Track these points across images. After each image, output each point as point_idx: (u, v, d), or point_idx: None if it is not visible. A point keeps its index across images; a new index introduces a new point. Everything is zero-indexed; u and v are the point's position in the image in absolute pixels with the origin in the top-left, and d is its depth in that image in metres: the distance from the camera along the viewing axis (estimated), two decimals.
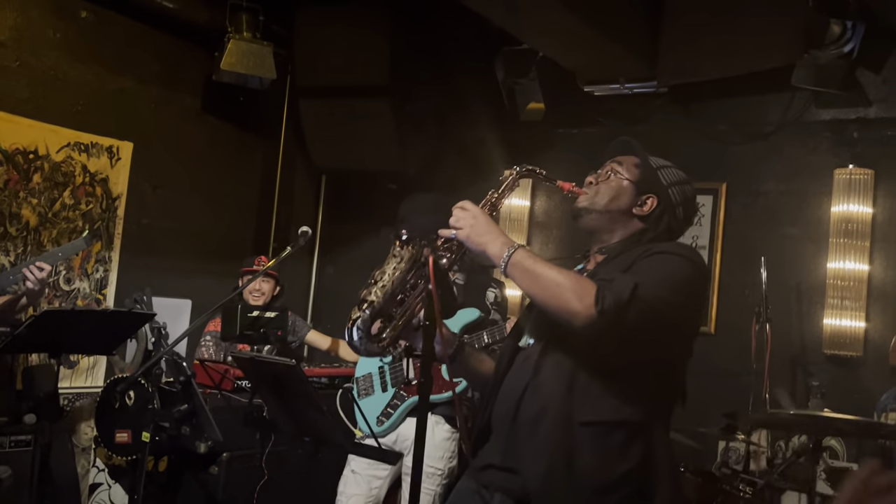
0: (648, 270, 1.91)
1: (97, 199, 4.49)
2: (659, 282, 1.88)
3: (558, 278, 1.87)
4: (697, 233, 4.42)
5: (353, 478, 3.35)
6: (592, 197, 2.09)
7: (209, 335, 4.24)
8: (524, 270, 1.89)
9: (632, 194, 2.08)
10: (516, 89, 4.78)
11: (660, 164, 2.16)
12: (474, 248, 1.95)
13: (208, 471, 3.56)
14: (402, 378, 3.28)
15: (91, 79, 4.44)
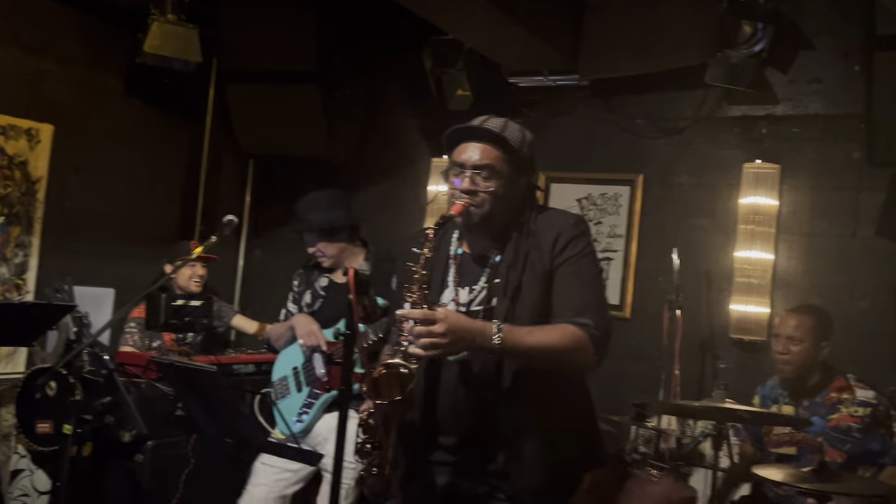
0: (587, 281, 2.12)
1: (16, 182, 4.39)
2: (599, 291, 2.18)
3: (553, 345, 2.00)
4: (615, 222, 4.60)
5: (263, 469, 3.39)
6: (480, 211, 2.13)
7: (133, 322, 4.23)
8: (518, 354, 2.01)
9: (511, 189, 2.16)
10: (444, 78, 4.85)
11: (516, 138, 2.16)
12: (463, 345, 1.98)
13: (133, 458, 3.58)
14: (314, 376, 3.36)
15: (7, 60, 4.32)
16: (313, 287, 3.53)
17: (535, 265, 2.12)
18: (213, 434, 2.33)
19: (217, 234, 3.40)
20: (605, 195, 4.63)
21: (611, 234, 4.59)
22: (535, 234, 2.15)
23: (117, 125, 4.92)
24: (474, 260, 2.22)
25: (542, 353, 2.01)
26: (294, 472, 3.35)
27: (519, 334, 1.99)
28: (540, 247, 2.13)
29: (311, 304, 3.50)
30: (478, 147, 2.12)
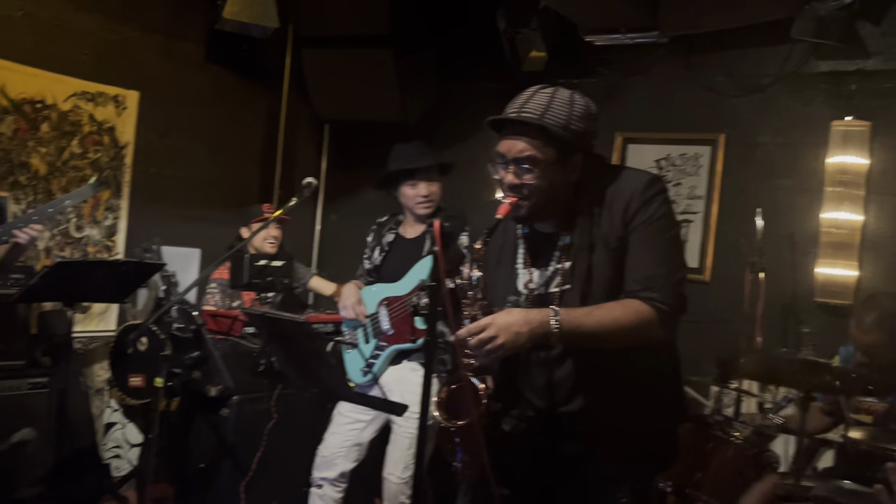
0: (658, 249, 1.98)
1: (105, 147, 4.56)
2: (673, 260, 2.01)
3: (616, 325, 1.92)
4: (695, 183, 4.50)
5: (338, 418, 3.47)
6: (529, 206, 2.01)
7: (215, 283, 4.35)
8: (579, 337, 1.94)
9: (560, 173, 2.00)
10: (518, 39, 4.79)
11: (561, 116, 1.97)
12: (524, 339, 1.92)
13: (219, 413, 3.71)
14: (380, 329, 3.41)
15: (95, 28, 4.46)
16: (381, 242, 3.56)
17: (608, 239, 2.00)
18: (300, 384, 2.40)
19: (297, 196, 3.47)
20: (684, 156, 4.53)
21: (690, 195, 4.50)
22: (605, 203, 2.02)
23: (198, 92, 5.04)
24: (543, 238, 2.11)
25: (604, 334, 1.94)
26: (366, 421, 3.42)
27: (577, 316, 1.93)
28: (611, 217, 2.00)
29: (376, 259, 3.56)
30: (517, 138, 1.97)
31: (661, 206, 2.02)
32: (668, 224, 2.03)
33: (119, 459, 4.56)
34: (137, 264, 3.39)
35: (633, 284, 1.98)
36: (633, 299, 1.96)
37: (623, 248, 2.00)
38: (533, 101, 1.99)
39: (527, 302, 2.09)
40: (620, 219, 1.99)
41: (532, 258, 2.12)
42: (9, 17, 4.09)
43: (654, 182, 2.04)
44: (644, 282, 1.96)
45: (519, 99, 2.03)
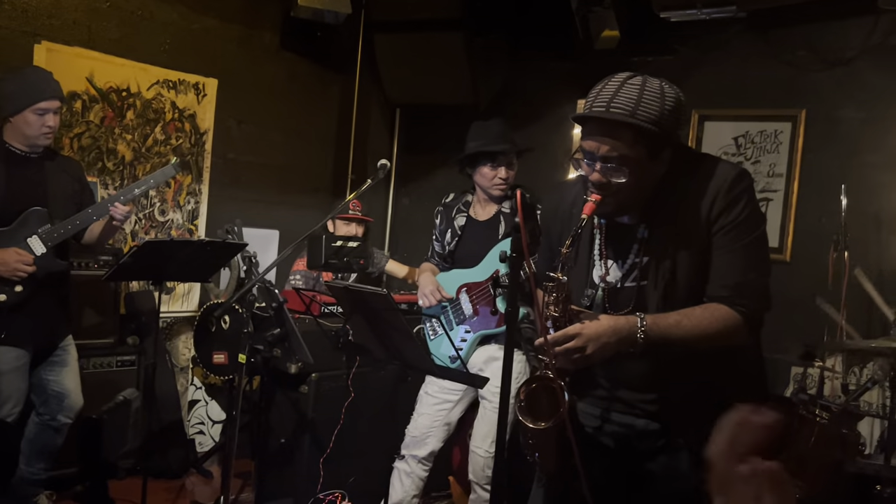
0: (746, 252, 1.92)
1: (186, 134, 4.71)
2: (761, 262, 1.97)
3: (703, 333, 1.88)
4: (775, 160, 4.39)
5: (426, 398, 3.53)
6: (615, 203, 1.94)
7: (298, 274, 4.44)
8: (665, 345, 1.89)
9: (647, 169, 1.92)
10: (590, 17, 4.73)
11: (652, 111, 1.87)
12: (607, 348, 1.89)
13: (298, 390, 3.81)
14: (463, 316, 3.43)
15: (176, 18, 4.60)
16: (452, 225, 3.56)
17: (690, 236, 1.93)
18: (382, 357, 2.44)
19: (372, 178, 3.53)
20: (763, 133, 4.42)
21: (770, 173, 4.39)
22: (689, 198, 1.93)
23: (274, 79, 5.15)
24: (621, 229, 2.04)
25: (692, 342, 1.90)
26: (453, 401, 3.46)
27: (665, 326, 1.88)
28: (695, 213, 1.92)
29: (449, 243, 3.56)
30: (604, 136, 1.88)
31: (748, 204, 1.93)
32: (754, 224, 1.95)
33: (203, 435, 4.73)
34: (220, 244, 3.51)
35: (720, 290, 1.93)
36: (720, 304, 1.92)
37: (705, 247, 1.94)
38: (622, 94, 1.88)
39: (603, 295, 2.06)
40: (705, 216, 1.92)
41: (608, 249, 2.06)
42: (96, 9, 4.26)
43: (741, 179, 1.94)
44: (733, 288, 1.92)
45: (604, 91, 1.91)
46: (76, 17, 4.18)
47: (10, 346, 3.25)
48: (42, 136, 3.28)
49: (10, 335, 3.24)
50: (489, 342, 3.40)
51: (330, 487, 3.78)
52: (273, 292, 3.38)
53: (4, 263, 3.17)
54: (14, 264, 3.18)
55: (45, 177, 3.38)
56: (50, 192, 3.37)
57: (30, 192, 3.30)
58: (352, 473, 3.86)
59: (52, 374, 3.46)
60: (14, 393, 3.30)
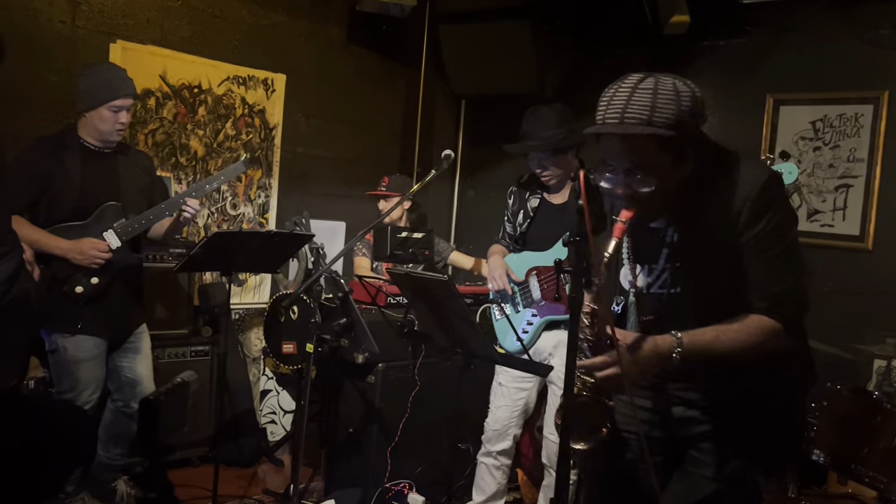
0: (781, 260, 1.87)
1: (256, 129, 4.79)
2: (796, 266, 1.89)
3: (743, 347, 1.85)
4: (855, 145, 4.20)
5: (501, 390, 3.53)
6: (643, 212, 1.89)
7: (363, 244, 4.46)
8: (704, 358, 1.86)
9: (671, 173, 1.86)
10: (659, 2, 4.62)
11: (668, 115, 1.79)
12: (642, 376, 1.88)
13: (366, 380, 3.84)
14: (531, 299, 3.39)
15: (245, 15, 4.69)
16: (525, 207, 3.51)
17: (720, 241, 1.88)
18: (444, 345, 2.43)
19: (436, 168, 3.53)
20: (843, 116, 4.23)
21: (850, 158, 4.20)
22: (718, 202, 1.87)
23: (341, 73, 5.20)
24: (649, 233, 1.98)
25: (730, 357, 1.87)
26: (529, 388, 3.45)
27: (702, 344, 1.85)
28: (725, 218, 1.87)
29: (521, 225, 3.51)
30: (626, 149, 1.83)
31: (778, 211, 1.87)
32: (786, 229, 1.89)
33: (274, 425, 4.81)
34: (288, 235, 3.55)
35: (758, 301, 1.89)
36: (758, 315, 1.88)
37: (736, 252, 1.88)
38: (634, 101, 1.79)
39: (634, 301, 2.02)
40: (733, 222, 1.87)
41: (635, 253, 2.01)
42: (169, 8, 4.37)
43: (769, 185, 1.87)
44: (769, 298, 1.88)
45: (616, 100, 1.83)
46: (149, 16, 4.30)
47: (88, 335, 3.37)
48: (115, 132, 3.38)
49: (87, 324, 3.36)
50: (558, 327, 3.35)
51: (397, 477, 3.80)
52: (339, 282, 3.41)
53: (81, 252, 3.28)
54: (90, 251, 3.29)
55: (118, 171, 3.48)
56: (123, 187, 3.47)
57: (104, 187, 3.40)
58: (418, 464, 3.87)
59: (125, 361, 3.57)
60: (93, 380, 3.42)
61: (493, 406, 3.57)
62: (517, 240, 3.53)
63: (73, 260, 3.27)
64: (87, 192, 3.35)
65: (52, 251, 3.25)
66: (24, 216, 3.26)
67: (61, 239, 3.27)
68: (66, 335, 3.33)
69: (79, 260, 3.27)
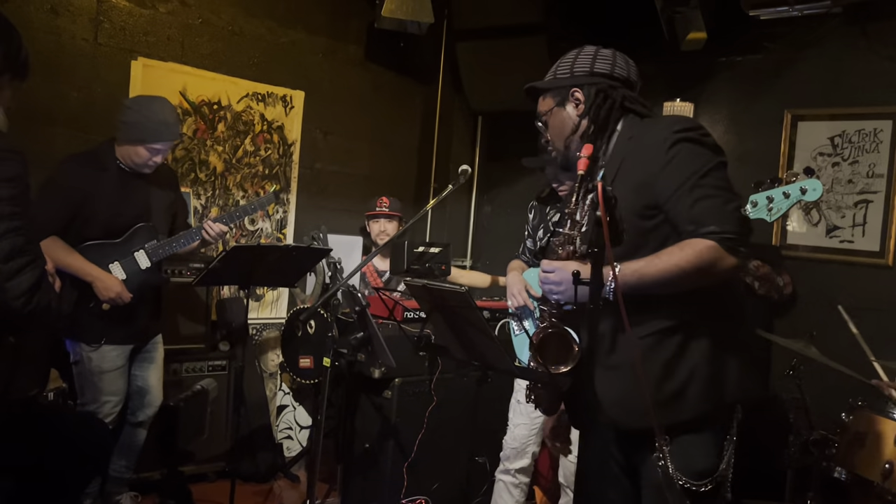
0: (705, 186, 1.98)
1: (274, 145, 4.83)
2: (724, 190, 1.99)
3: (679, 267, 1.94)
4: (875, 160, 4.18)
5: (519, 407, 3.51)
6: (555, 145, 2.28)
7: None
8: (643, 288, 1.96)
9: (563, 113, 2.25)
10: (676, 18, 4.63)
11: (564, 68, 2.29)
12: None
13: (382, 395, 3.83)
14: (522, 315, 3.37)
15: (264, 32, 4.74)
16: (546, 221, 3.52)
17: (635, 174, 2.06)
18: (461, 357, 2.43)
19: (453, 183, 3.54)
20: (862, 132, 4.21)
21: (870, 174, 4.18)
22: (637, 141, 2.10)
23: (358, 90, 5.24)
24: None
25: (671, 280, 1.95)
26: None
27: (637, 266, 1.97)
28: (642, 156, 2.07)
29: (542, 240, 3.51)
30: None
31: (696, 142, 2.02)
32: (703, 158, 2.01)
33: (290, 440, 4.80)
34: (306, 250, 3.57)
35: (686, 225, 1.98)
36: (691, 239, 1.96)
37: (650, 189, 2.02)
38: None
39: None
40: (653, 162, 2.03)
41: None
42: (190, 25, 4.43)
43: (680, 121, 2.08)
44: (697, 219, 1.96)
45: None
46: (170, 34, 4.36)
47: (112, 346, 3.41)
48: (147, 166, 3.45)
49: (112, 336, 3.42)
50: None
51: (414, 493, 3.78)
52: (356, 296, 3.42)
53: (108, 289, 3.34)
54: (116, 293, 3.35)
55: (149, 192, 3.55)
56: (153, 206, 3.55)
57: (136, 207, 3.48)
58: (435, 479, 3.85)
59: (138, 370, 3.60)
60: (116, 392, 3.46)
61: (511, 423, 3.55)
62: (537, 254, 3.53)
63: (97, 292, 3.33)
64: (119, 212, 3.42)
65: (83, 277, 3.31)
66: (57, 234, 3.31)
67: (93, 266, 3.33)
68: (91, 346, 3.38)
69: (103, 294, 3.33)
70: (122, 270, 3.42)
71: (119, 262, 3.42)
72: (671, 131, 2.03)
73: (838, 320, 3.75)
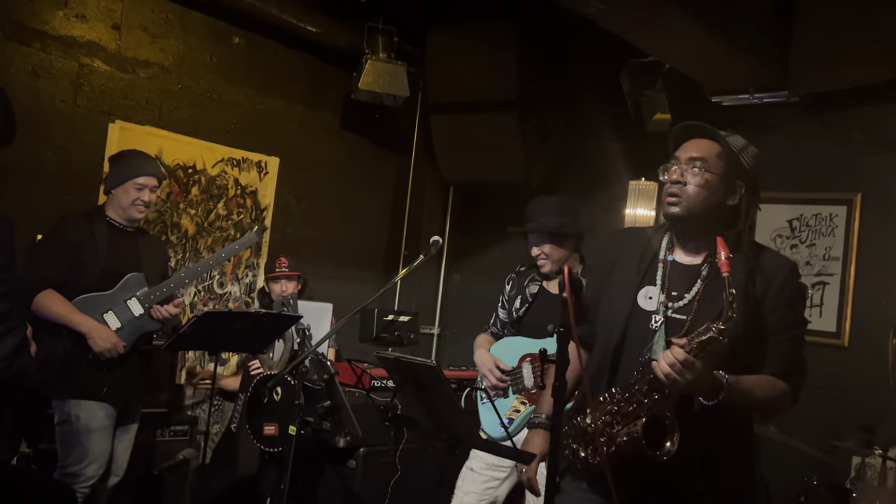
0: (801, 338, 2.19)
1: (247, 209, 4.88)
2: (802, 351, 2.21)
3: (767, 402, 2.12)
4: (830, 244, 4.34)
5: (471, 475, 3.45)
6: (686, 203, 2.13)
7: None
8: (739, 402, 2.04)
9: (722, 188, 2.15)
10: (642, 101, 4.82)
11: (738, 144, 2.21)
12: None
13: (346, 464, 3.81)
14: (522, 386, 3.41)
15: (242, 99, 4.83)
16: (524, 292, 3.56)
17: (749, 294, 2.11)
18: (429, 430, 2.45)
19: (424, 253, 3.60)
20: (818, 216, 4.38)
21: (826, 256, 4.33)
22: (753, 262, 2.14)
23: (333, 157, 5.33)
24: (683, 269, 2.21)
25: (754, 407, 2.16)
26: (500, 478, 3.39)
27: (744, 388, 2.03)
28: (755, 278, 2.12)
29: (518, 310, 3.55)
30: (695, 142, 2.19)
31: (802, 294, 2.24)
32: (803, 317, 2.23)
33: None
34: (276, 316, 3.59)
35: (779, 367, 2.13)
36: (779, 381, 2.13)
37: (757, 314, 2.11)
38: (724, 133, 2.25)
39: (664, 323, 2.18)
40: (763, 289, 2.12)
41: (669, 283, 2.21)
42: (168, 91, 4.50)
43: (797, 270, 2.22)
44: (790, 365, 2.15)
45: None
46: (149, 98, 4.43)
47: (103, 403, 3.41)
48: (135, 208, 3.55)
49: (104, 391, 3.41)
50: None
51: None
52: (325, 364, 3.43)
53: (104, 340, 3.36)
54: (111, 345, 3.37)
55: (140, 248, 3.64)
56: (144, 262, 3.61)
57: (127, 260, 3.54)
58: None
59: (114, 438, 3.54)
60: (101, 453, 3.42)
61: (459, 492, 3.46)
62: (513, 323, 3.58)
63: (92, 344, 3.34)
64: (111, 265, 3.47)
65: (78, 328, 3.33)
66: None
67: (87, 317, 3.36)
68: (80, 401, 3.36)
69: (98, 345, 3.33)
70: (116, 319, 3.45)
71: (113, 310, 3.45)
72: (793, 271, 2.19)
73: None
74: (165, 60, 4.50)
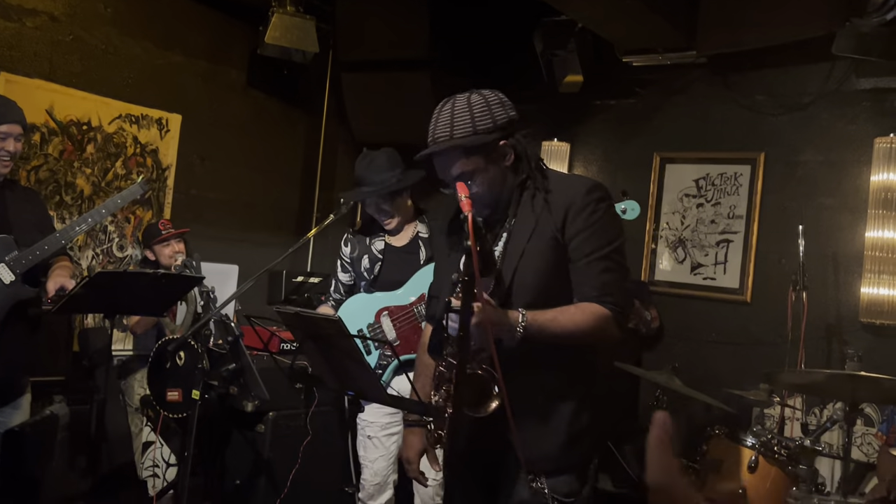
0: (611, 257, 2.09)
1: (148, 169, 4.66)
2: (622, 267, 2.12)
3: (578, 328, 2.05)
4: (735, 202, 4.44)
5: (371, 442, 3.41)
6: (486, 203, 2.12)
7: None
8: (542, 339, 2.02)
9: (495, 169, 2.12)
10: (554, 61, 4.82)
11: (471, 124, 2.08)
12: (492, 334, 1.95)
13: (255, 429, 3.71)
14: (383, 339, 3.36)
15: (140, 53, 4.59)
16: (370, 251, 3.49)
17: (545, 231, 2.10)
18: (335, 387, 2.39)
19: (335, 212, 3.52)
20: (724, 175, 4.48)
21: (730, 214, 4.44)
22: (547, 198, 2.12)
23: (239, 116, 5.14)
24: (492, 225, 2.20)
25: (567, 337, 2.06)
26: (398, 433, 3.35)
27: (543, 320, 2.02)
28: (551, 213, 2.11)
29: (370, 269, 3.47)
30: (447, 159, 2.10)
31: (605, 212, 2.12)
32: (612, 230, 2.13)
33: (156, 479, 4.57)
34: (176, 277, 3.43)
35: (589, 290, 2.09)
36: (590, 303, 2.08)
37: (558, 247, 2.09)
38: (439, 125, 2.11)
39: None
40: (561, 220, 2.09)
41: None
42: (59, 42, 4.23)
43: (595, 188, 2.13)
44: (600, 288, 2.08)
45: (431, 126, 2.13)
46: (37, 50, 4.15)
47: None
48: (0, 161, 3.20)
49: None
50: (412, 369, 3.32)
51: None
52: (230, 326, 3.31)
53: None
54: None
55: (7, 206, 3.27)
56: (13, 221, 3.26)
57: None
58: None
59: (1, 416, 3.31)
60: None
61: (366, 461, 3.42)
62: (372, 283, 3.49)
63: None
64: None
65: None
66: None
67: None
68: None
69: None
70: None
71: None
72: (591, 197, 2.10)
73: (700, 353, 3.94)
74: (55, 10, 4.22)
